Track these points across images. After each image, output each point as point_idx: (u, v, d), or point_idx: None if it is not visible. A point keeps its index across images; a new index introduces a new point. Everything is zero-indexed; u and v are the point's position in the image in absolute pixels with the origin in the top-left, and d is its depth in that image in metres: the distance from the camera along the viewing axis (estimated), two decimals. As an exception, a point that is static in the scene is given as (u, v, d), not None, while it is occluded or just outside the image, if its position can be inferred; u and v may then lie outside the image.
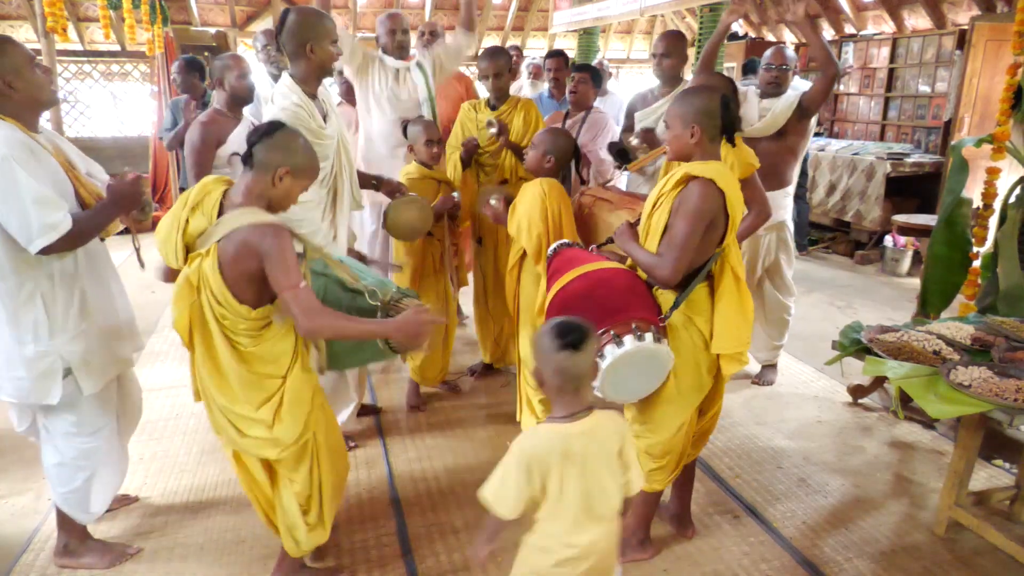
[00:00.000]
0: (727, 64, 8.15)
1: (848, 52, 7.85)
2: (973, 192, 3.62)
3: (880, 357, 2.50)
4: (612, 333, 1.95)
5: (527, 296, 2.73)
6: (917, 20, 7.03)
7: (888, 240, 6.12)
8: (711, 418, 2.30)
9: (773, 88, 3.41)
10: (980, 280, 3.50)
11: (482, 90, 3.76)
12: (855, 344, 2.73)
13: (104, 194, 2.14)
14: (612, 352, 1.93)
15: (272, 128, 1.90)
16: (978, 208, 3.60)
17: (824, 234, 7.08)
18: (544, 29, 10.42)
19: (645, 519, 2.38)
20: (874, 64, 7.60)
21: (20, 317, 2.03)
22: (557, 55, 4.51)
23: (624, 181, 3.83)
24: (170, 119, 4.97)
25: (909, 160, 6.42)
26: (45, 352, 2.06)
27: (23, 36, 8.02)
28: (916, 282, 5.25)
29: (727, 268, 2.08)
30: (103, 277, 2.23)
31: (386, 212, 2.93)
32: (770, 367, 3.84)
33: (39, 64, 2.05)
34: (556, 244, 2.43)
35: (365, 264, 2.57)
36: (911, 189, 6.48)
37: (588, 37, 8.57)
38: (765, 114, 3.38)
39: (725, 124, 2.04)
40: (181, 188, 6.37)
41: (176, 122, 4.84)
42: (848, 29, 7.85)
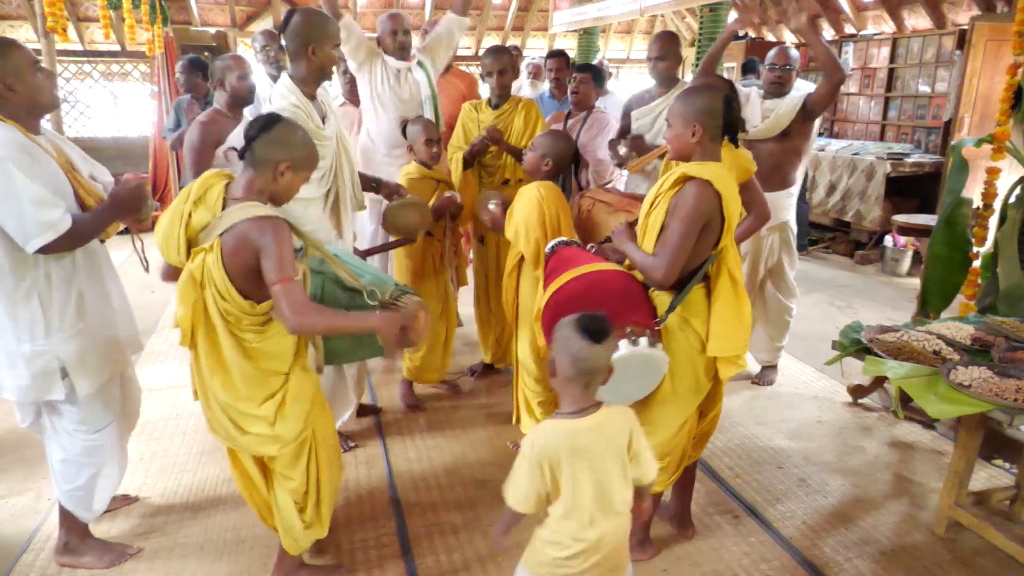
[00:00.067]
0: (727, 64, 8.14)
1: (848, 52, 7.84)
2: (973, 192, 3.62)
3: (880, 357, 2.50)
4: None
5: (526, 300, 2.72)
6: (917, 20, 7.03)
7: (888, 240, 6.11)
8: (711, 420, 2.30)
9: (777, 88, 3.41)
10: (980, 280, 3.50)
11: (483, 90, 3.76)
12: (855, 344, 2.73)
13: (105, 197, 2.13)
14: None
15: (270, 122, 1.87)
16: (978, 208, 3.59)
17: (824, 234, 7.08)
18: (544, 29, 10.42)
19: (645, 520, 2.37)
20: (874, 64, 7.60)
21: (17, 316, 2.04)
22: (558, 55, 4.51)
23: (623, 181, 3.83)
24: (174, 119, 4.98)
25: (909, 160, 6.42)
26: (41, 351, 2.06)
27: (23, 36, 8.03)
28: (916, 282, 5.26)
29: (724, 270, 2.07)
30: (101, 278, 2.23)
31: (385, 214, 2.94)
32: (770, 367, 3.84)
33: (42, 68, 2.04)
34: (554, 242, 2.43)
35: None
36: (911, 189, 6.48)
37: (588, 37, 8.58)
38: (769, 115, 3.37)
39: (727, 124, 2.03)
40: (181, 188, 6.36)
41: (180, 122, 4.86)
42: (848, 29, 7.85)
